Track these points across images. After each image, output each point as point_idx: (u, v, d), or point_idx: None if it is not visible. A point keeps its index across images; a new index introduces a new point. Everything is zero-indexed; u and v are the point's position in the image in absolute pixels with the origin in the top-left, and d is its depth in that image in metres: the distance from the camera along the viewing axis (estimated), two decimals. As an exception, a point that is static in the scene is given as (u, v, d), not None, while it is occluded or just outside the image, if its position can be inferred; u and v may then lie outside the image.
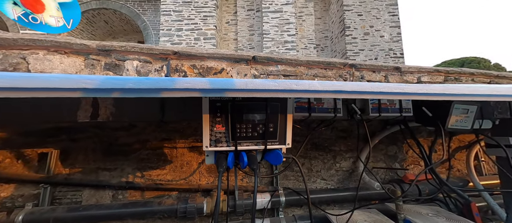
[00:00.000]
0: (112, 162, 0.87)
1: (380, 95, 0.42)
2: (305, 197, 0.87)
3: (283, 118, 0.55)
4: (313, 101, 0.65)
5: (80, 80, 0.33)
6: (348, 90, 0.41)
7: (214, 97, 0.51)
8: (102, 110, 0.57)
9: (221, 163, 0.49)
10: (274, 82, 0.40)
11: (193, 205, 0.75)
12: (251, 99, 0.53)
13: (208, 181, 0.94)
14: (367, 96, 0.42)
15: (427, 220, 0.71)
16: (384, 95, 0.42)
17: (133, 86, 0.35)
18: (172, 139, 0.93)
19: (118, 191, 0.85)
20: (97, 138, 0.87)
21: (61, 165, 0.84)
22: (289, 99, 0.55)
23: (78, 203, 0.83)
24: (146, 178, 0.89)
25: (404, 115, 0.70)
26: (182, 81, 0.37)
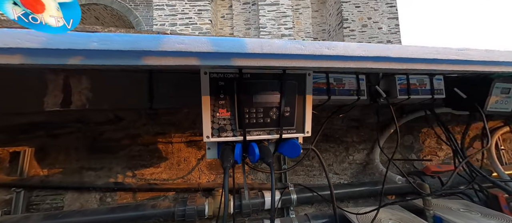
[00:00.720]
0: (98, 160, 0.76)
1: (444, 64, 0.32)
2: (318, 194, 0.77)
3: (301, 101, 0.44)
4: (333, 82, 0.55)
5: (18, 35, 0.22)
6: (402, 56, 0.31)
7: (216, 73, 0.40)
8: (76, 96, 0.46)
9: (227, 156, 0.39)
10: (299, 44, 0.29)
11: (193, 207, 0.65)
12: (263, 76, 0.42)
13: (209, 179, 0.84)
14: (426, 66, 0.32)
15: (460, 216, 0.63)
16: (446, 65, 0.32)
17: (100, 46, 0.24)
18: (167, 133, 0.82)
19: (106, 193, 0.74)
20: (80, 133, 0.75)
21: (38, 165, 0.72)
22: (308, 76, 0.44)
23: (59, 208, 0.72)
24: (138, 177, 0.78)
25: (436, 97, 0.60)
26: (173, 39, 0.26)
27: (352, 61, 0.32)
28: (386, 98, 0.58)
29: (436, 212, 0.65)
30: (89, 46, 0.23)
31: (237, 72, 0.41)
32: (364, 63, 0.32)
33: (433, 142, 1.07)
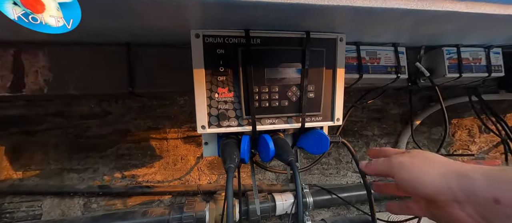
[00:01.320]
0: (81, 160, 0.66)
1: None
2: (338, 197, 0.66)
3: (330, 76, 0.33)
4: (365, 56, 0.43)
5: None
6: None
7: (213, 36, 0.29)
8: (30, 77, 0.35)
9: (230, 154, 0.28)
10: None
11: (191, 214, 0.55)
12: (278, 41, 0.31)
13: (210, 180, 0.73)
14: None
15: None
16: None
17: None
18: (161, 128, 0.71)
19: (90, 198, 0.64)
20: (59, 129, 0.65)
21: (10, 167, 0.62)
22: (339, 41, 0.33)
23: (37, 216, 0.62)
24: (128, 179, 0.67)
25: (494, 75, 0.47)
26: None
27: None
28: (430, 78, 0.46)
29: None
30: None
31: (242, 35, 0.29)
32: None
33: (464, 135, 0.94)
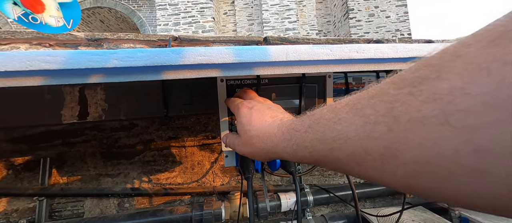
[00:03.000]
0: (114, 166, 0.77)
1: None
2: (336, 195, 0.76)
3: (321, 104, 0.42)
4: (352, 82, 0.52)
5: (36, 57, 0.21)
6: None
7: (233, 80, 0.39)
8: (92, 108, 0.46)
9: (248, 166, 0.38)
10: (326, 49, 0.27)
11: (210, 212, 0.65)
12: (281, 81, 0.41)
13: (223, 182, 0.84)
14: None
15: (488, 216, 0.60)
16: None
17: (120, 64, 0.23)
18: (180, 137, 0.82)
19: (123, 199, 0.76)
20: (95, 141, 0.76)
21: (57, 173, 0.74)
22: (328, 78, 0.42)
23: (80, 214, 0.73)
24: (153, 182, 0.79)
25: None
26: (194, 52, 0.24)
27: (383, 63, 0.29)
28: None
29: (462, 212, 0.62)
30: (108, 64, 0.22)
31: (254, 78, 0.39)
32: (396, 64, 0.29)
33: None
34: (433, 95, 0.10)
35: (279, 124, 0.22)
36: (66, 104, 0.45)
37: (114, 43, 0.66)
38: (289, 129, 0.20)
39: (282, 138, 0.20)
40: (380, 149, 0.12)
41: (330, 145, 0.15)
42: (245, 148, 0.26)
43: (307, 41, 0.76)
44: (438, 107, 0.10)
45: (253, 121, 0.24)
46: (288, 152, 0.20)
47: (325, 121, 0.16)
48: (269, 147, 0.22)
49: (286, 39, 0.77)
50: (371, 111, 0.13)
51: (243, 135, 0.25)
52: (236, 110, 0.29)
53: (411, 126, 0.11)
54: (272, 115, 0.25)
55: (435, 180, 0.11)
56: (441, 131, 0.10)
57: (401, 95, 0.12)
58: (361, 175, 0.15)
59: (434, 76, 0.11)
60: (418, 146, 0.11)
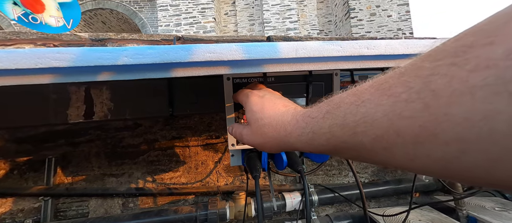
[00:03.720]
0: (118, 166, 0.77)
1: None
2: (341, 195, 0.75)
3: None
4: (358, 80, 0.51)
5: (46, 55, 0.21)
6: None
7: (239, 78, 0.39)
8: (98, 107, 0.46)
9: (255, 165, 0.38)
10: (336, 45, 0.27)
11: (215, 211, 0.65)
12: (288, 79, 0.40)
13: (227, 181, 0.83)
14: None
15: (496, 216, 0.59)
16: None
17: (130, 61, 0.23)
18: (183, 137, 0.82)
19: (128, 199, 0.76)
20: (99, 140, 0.76)
21: (62, 173, 0.74)
22: (335, 76, 0.42)
23: (85, 214, 0.73)
24: (157, 182, 0.79)
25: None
26: (203, 49, 0.24)
27: (394, 60, 0.29)
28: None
29: (470, 212, 0.61)
30: (118, 61, 0.22)
31: (261, 76, 0.39)
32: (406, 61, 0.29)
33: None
34: (486, 62, 0.09)
35: (293, 112, 0.21)
36: (72, 104, 0.45)
37: (118, 43, 0.66)
38: (304, 117, 0.19)
39: (297, 126, 0.19)
40: (414, 129, 0.11)
41: (353, 130, 0.14)
42: (255, 137, 0.24)
43: (310, 39, 0.76)
44: (492, 74, 0.09)
45: (265, 108, 0.23)
46: (303, 141, 0.19)
47: (346, 105, 0.15)
48: (282, 136, 0.20)
49: (290, 38, 0.77)
50: (403, 89, 0.12)
51: (254, 123, 0.24)
52: (245, 99, 0.27)
53: (456, 99, 0.10)
54: (284, 104, 0.23)
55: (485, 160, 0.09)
56: (495, 101, 0.08)
57: (441, 67, 0.10)
58: (387, 162, 0.14)
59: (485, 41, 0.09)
60: (464, 121, 0.09)
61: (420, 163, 0.12)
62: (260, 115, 0.23)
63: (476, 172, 0.10)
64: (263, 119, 0.23)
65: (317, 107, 0.19)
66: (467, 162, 0.10)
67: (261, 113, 0.23)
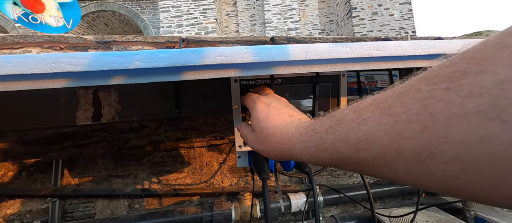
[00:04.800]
0: (124, 168, 0.78)
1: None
2: (346, 195, 0.75)
3: (335, 103, 0.42)
4: (364, 81, 0.51)
5: (61, 60, 0.21)
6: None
7: (247, 80, 0.39)
8: (106, 109, 0.46)
9: (263, 166, 0.38)
10: (346, 47, 0.27)
11: (220, 212, 0.65)
12: (295, 80, 0.40)
13: (231, 182, 0.83)
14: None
15: (505, 217, 0.58)
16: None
17: (142, 65, 0.23)
18: (188, 138, 0.82)
19: (134, 200, 0.76)
20: (105, 142, 0.77)
21: (69, 175, 0.75)
22: (342, 77, 0.42)
23: (92, 215, 0.74)
24: (163, 183, 0.79)
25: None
26: (214, 52, 0.24)
27: (404, 61, 0.29)
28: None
29: (478, 213, 0.61)
30: (131, 66, 0.22)
31: (268, 78, 0.39)
32: (417, 62, 0.29)
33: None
34: (478, 89, 0.10)
35: (297, 124, 0.21)
36: (80, 106, 0.46)
37: (123, 46, 0.66)
38: (307, 130, 0.20)
39: (300, 139, 0.20)
40: (414, 149, 0.12)
41: (355, 146, 0.15)
42: (259, 145, 0.25)
43: (314, 40, 0.75)
44: (485, 101, 0.09)
45: (270, 118, 0.24)
46: (306, 154, 0.19)
47: (348, 122, 0.16)
48: (286, 148, 0.21)
49: (293, 38, 0.77)
50: (402, 109, 0.12)
51: (259, 132, 0.24)
52: (251, 104, 0.27)
53: (452, 122, 0.10)
54: (290, 113, 0.24)
55: (484, 180, 0.10)
56: (490, 126, 0.09)
57: (437, 91, 0.11)
58: (391, 177, 0.14)
59: (476, 70, 0.10)
60: (461, 144, 0.10)
61: (423, 180, 0.12)
62: (265, 124, 0.24)
63: (476, 191, 0.10)
64: (268, 128, 0.23)
65: (320, 122, 0.19)
66: (467, 181, 0.10)
67: (266, 122, 0.24)
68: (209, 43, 0.70)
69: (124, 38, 0.64)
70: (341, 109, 0.18)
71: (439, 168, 0.11)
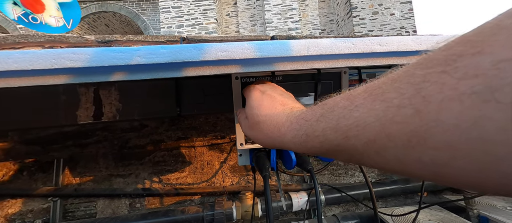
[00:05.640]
0: (125, 167, 0.78)
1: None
2: (348, 194, 0.74)
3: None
4: (366, 78, 0.51)
5: (61, 55, 0.21)
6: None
7: (248, 77, 0.38)
8: (107, 108, 0.46)
9: (264, 164, 0.37)
10: (349, 42, 0.27)
11: (221, 211, 0.65)
12: (296, 77, 0.40)
13: (232, 181, 0.83)
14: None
15: (508, 215, 0.58)
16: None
17: (143, 61, 0.23)
18: (189, 137, 0.82)
19: (135, 199, 0.76)
20: (106, 141, 0.77)
21: (70, 174, 0.75)
22: (344, 74, 0.41)
23: (93, 215, 0.74)
24: (164, 183, 0.79)
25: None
26: (215, 48, 0.24)
27: (406, 57, 0.28)
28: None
29: (481, 211, 0.60)
30: (131, 61, 0.22)
31: (269, 74, 0.39)
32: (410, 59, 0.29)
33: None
34: (474, 70, 0.09)
35: (289, 113, 0.21)
36: (81, 105, 0.46)
37: (124, 45, 0.66)
38: (298, 119, 0.19)
39: (290, 128, 0.20)
40: (405, 134, 0.11)
41: (345, 133, 0.15)
42: (251, 132, 0.25)
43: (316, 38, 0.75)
44: (480, 82, 0.09)
45: (262, 106, 0.24)
46: (296, 143, 0.19)
47: (340, 109, 0.15)
48: (276, 136, 0.21)
49: (293, 37, 0.77)
50: (395, 95, 0.12)
51: (251, 119, 0.25)
52: (247, 92, 0.28)
53: (445, 105, 0.10)
54: (283, 102, 0.24)
55: (474, 166, 0.09)
56: (484, 108, 0.09)
57: (431, 74, 0.11)
58: (379, 165, 0.14)
59: (473, 51, 0.10)
60: (453, 127, 0.10)
61: (412, 167, 0.12)
62: (256, 111, 0.24)
63: (466, 178, 0.10)
64: (259, 116, 0.24)
65: (311, 110, 0.19)
66: (457, 168, 0.10)
67: (257, 109, 0.24)
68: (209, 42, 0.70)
69: (125, 38, 0.64)
70: (333, 98, 0.17)
71: (428, 154, 0.11)
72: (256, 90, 0.27)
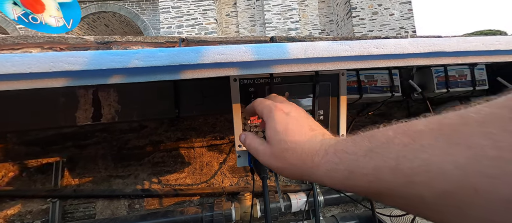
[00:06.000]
0: (124, 168, 0.78)
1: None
2: (347, 195, 0.74)
3: (335, 102, 0.42)
4: (364, 79, 0.51)
5: (59, 59, 0.21)
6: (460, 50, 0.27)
7: (246, 79, 0.39)
8: (106, 109, 0.46)
9: (263, 165, 0.37)
10: (345, 45, 0.27)
11: (220, 212, 0.65)
12: (294, 79, 0.40)
13: (231, 182, 0.83)
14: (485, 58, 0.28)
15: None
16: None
17: (141, 64, 0.23)
18: (188, 138, 0.82)
19: (134, 200, 0.76)
20: (105, 142, 0.77)
21: (69, 175, 0.75)
22: (342, 76, 0.42)
23: (92, 216, 0.74)
24: (163, 183, 0.79)
25: (478, 88, 0.55)
26: (213, 51, 0.24)
27: (403, 59, 0.29)
28: (422, 93, 0.54)
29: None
30: (129, 64, 0.22)
31: (267, 77, 0.39)
32: (416, 60, 0.29)
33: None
34: None
35: (321, 140, 0.19)
36: (80, 106, 0.46)
37: (123, 46, 0.66)
38: (336, 150, 0.17)
39: (326, 159, 0.17)
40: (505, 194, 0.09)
41: (409, 178, 0.12)
42: (273, 160, 0.21)
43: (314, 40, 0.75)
44: None
45: (289, 131, 0.21)
46: (333, 178, 0.16)
47: (398, 146, 0.13)
48: (308, 167, 0.18)
49: (293, 38, 0.77)
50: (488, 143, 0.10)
51: (276, 145, 0.21)
52: (267, 112, 0.23)
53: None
54: (311, 126, 0.21)
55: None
56: None
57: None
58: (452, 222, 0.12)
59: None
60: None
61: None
62: (283, 137, 0.21)
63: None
64: (287, 142, 0.20)
65: (352, 141, 0.16)
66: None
67: (284, 134, 0.21)
68: (208, 43, 0.70)
69: (124, 39, 0.64)
70: (380, 130, 0.15)
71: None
72: (279, 111, 0.22)
